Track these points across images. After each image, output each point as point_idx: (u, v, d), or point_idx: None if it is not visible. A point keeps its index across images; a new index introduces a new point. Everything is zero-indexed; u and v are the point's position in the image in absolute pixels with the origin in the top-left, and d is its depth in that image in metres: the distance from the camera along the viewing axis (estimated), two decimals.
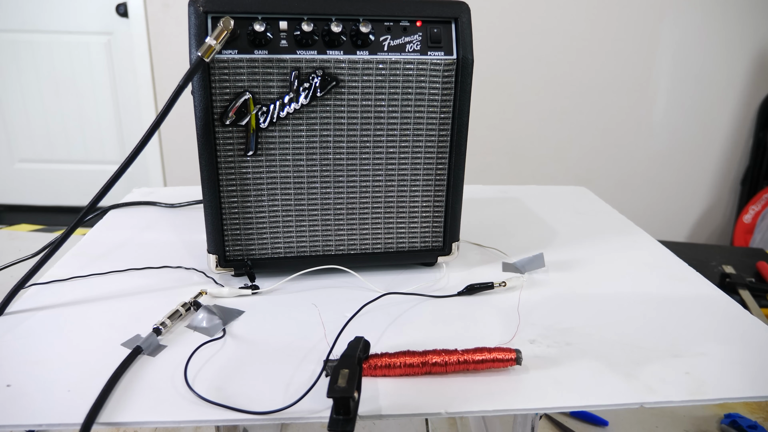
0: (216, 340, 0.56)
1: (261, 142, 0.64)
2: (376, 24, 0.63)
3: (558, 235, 0.87)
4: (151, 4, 2.20)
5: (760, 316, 1.22)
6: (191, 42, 0.59)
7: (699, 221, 2.48)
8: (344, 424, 0.42)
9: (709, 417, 1.11)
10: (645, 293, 0.69)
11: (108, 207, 0.94)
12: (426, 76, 0.64)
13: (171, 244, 0.80)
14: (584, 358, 0.55)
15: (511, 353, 0.51)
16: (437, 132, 0.67)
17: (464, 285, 0.68)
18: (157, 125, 0.59)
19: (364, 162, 0.67)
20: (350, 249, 0.71)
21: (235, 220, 0.66)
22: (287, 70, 0.61)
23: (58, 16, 2.36)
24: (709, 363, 0.54)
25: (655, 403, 0.49)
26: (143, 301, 0.64)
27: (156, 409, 0.46)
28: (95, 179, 2.56)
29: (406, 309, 0.64)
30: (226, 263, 0.68)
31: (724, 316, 0.64)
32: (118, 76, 2.44)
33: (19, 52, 2.40)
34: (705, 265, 1.45)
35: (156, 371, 0.51)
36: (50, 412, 0.45)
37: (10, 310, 0.61)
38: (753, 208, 2.28)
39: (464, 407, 0.47)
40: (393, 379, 0.51)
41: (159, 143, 2.40)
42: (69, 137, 2.55)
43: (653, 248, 0.83)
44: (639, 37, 2.16)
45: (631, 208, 2.40)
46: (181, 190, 1.03)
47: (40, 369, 0.51)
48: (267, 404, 0.46)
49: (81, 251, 0.77)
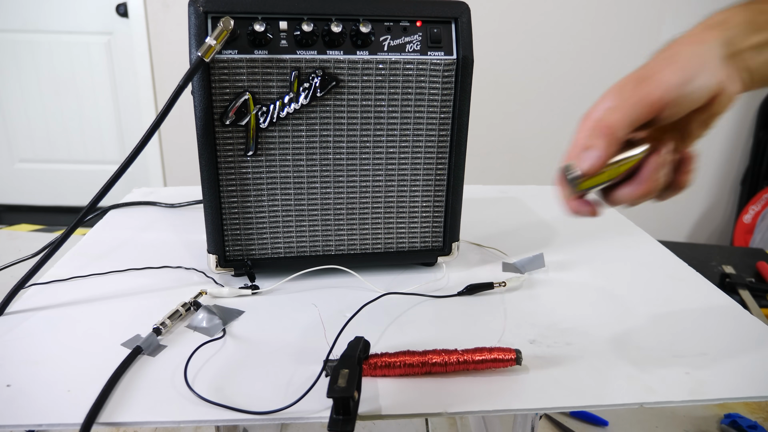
0: (216, 340, 0.56)
1: (261, 142, 0.64)
2: (376, 24, 0.62)
3: (558, 235, 0.87)
4: (151, 4, 2.20)
5: (760, 316, 1.22)
6: (191, 42, 0.59)
7: (699, 221, 2.48)
8: (344, 424, 0.42)
9: (709, 417, 1.11)
10: (645, 293, 0.69)
11: (108, 207, 0.94)
12: (426, 76, 0.64)
13: (171, 244, 0.80)
14: (584, 358, 0.55)
15: (511, 353, 0.51)
16: (437, 132, 0.67)
17: (464, 285, 0.68)
18: (157, 125, 0.59)
19: (364, 162, 0.67)
20: (350, 249, 0.71)
21: (235, 220, 0.66)
22: (287, 70, 0.61)
23: (58, 16, 2.36)
24: (709, 363, 0.54)
25: (655, 403, 0.49)
26: (143, 301, 0.64)
27: (156, 409, 0.46)
28: (95, 179, 2.56)
29: (406, 309, 0.64)
30: (226, 263, 0.68)
31: (724, 316, 0.64)
32: (118, 76, 2.44)
33: (19, 52, 2.40)
34: (705, 265, 1.45)
35: (156, 371, 0.51)
36: (50, 412, 0.45)
37: (10, 310, 0.61)
38: (753, 208, 2.28)
39: (464, 407, 0.47)
40: (393, 379, 0.51)
41: (159, 143, 2.40)
42: (69, 137, 2.55)
43: (653, 248, 0.83)
44: (639, 37, 2.16)
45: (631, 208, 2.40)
46: (181, 190, 1.03)
47: (40, 369, 0.51)
48: (267, 404, 0.46)
49: (81, 251, 0.77)
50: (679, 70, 0.38)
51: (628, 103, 0.40)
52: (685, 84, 0.39)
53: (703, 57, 0.39)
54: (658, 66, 0.40)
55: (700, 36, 0.39)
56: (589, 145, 0.40)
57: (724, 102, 0.41)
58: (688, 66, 0.38)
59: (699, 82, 0.39)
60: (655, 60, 0.41)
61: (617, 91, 0.41)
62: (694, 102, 0.40)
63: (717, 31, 0.39)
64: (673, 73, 0.39)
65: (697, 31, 0.40)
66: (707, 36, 0.39)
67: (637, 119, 0.40)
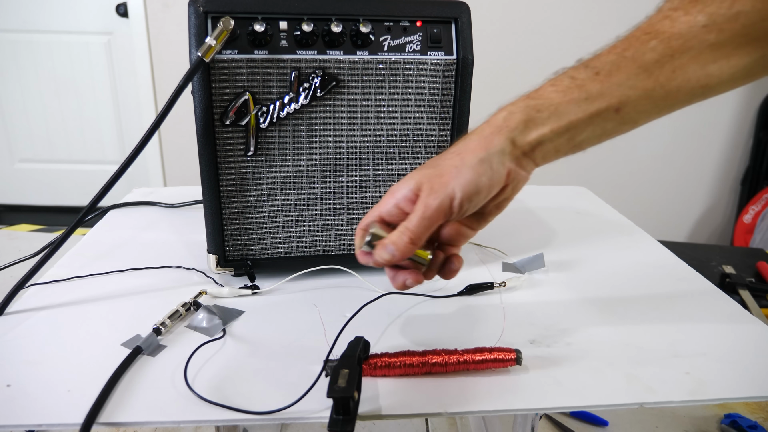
0: (216, 340, 0.56)
1: (261, 142, 0.64)
2: (376, 24, 0.62)
3: (558, 235, 0.87)
4: (151, 4, 2.20)
5: (760, 316, 1.22)
6: (191, 42, 0.59)
7: (699, 221, 2.48)
8: (344, 424, 0.42)
9: (709, 417, 1.11)
10: (645, 293, 0.69)
11: (108, 207, 0.94)
12: (426, 76, 0.64)
13: (171, 244, 0.80)
14: (584, 358, 0.55)
15: (511, 353, 0.51)
16: (437, 132, 0.67)
17: (464, 285, 0.68)
18: (157, 125, 0.59)
19: (364, 162, 0.67)
20: (350, 249, 0.71)
21: (235, 220, 0.66)
22: (287, 70, 0.61)
23: (58, 16, 2.36)
24: (709, 363, 0.54)
25: (655, 403, 0.49)
26: (143, 301, 0.64)
27: (156, 409, 0.46)
28: (95, 179, 2.56)
29: (406, 309, 0.64)
30: (226, 263, 0.68)
31: (724, 316, 0.64)
32: (118, 76, 2.44)
33: (19, 52, 2.40)
34: (705, 265, 1.45)
35: (156, 371, 0.51)
36: (50, 412, 0.45)
37: (10, 310, 0.61)
38: (753, 208, 2.28)
39: (464, 407, 0.48)
40: (393, 379, 0.51)
41: (159, 143, 2.40)
42: (69, 137, 2.55)
43: (653, 248, 0.83)
44: None
45: (631, 208, 2.39)
46: (181, 190, 1.03)
47: (40, 369, 0.51)
48: (267, 404, 0.46)
49: (81, 251, 0.77)
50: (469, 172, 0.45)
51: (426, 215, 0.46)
52: (476, 183, 0.45)
53: (489, 161, 0.45)
54: (449, 172, 0.46)
55: (487, 141, 0.46)
56: (394, 243, 0.46)
57: (516, 187, 0.48)
58: (476, 169, 0.45)
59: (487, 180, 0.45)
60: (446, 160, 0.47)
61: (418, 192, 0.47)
62: (484, 197, 0.46)
63: (501, 134, 0.45)
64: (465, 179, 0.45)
65: (485, 133, 0.46)
66: (492, 141, 0.45)
67: (436, 223, 0.46)
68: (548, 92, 0.46)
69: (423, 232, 0.46)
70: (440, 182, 0.46)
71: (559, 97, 0.45)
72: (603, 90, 0.44)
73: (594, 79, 0.44)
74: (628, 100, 0.44)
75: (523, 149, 0.46)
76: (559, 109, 0.45)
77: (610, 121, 0.45)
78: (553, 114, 0.45)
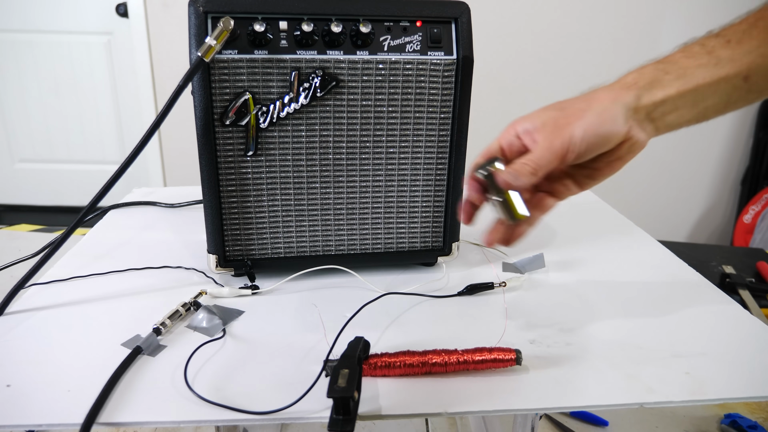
0: (216, 340, 0.56)
1: (261, 142, 0.64)
2: (376, 24, 0.62)
3: (558, 235, 0.87)
4: (151, 4, 2.20)
5: (760, 316, 1.22)
6: (191, 42, 0.59)
7: (699, 221, 2.48)
8: (344, 424, 0.42)
9: (709, 417, 1.11)
10: (645, 293, 0.69)
11: (108, 207, 0.94)
12: (426, 76, 0.64)
13: (171, 244, 0.80)
14: (584, 358, 0.55)
15: (511, 353, 0.51)
16: (437, 132, 0.67)
17: (464, 285, 0.68)
18: (157, 125, 0.59)
19: (364, 162, 0.67)
20: (350, 249, 0.71)
21: (235, 220, 0.66)
22: (287, 70, 0.61)
23: (58, 16, 2.36)
24: (709, 363, 0.54)
25: (655, 403, 0.49)
26: (143, 301, 0.64)
27: (156, 409, 0.46)
28: (95, 179, 2.56)
29: (406, 309, 0.64)
30: (226, 263, 0.68)
31: (724, 316, 0.64)
32: (118, 76, 2.44)
33: (19, 52, 2.40)
34: (705, 265, 1.44)
35: (156, 371, 0.51)
36: (50, 412, 0.45)
37: (10, 310, 0.61)
38: (753, 208, 2.28)
39: (464, 407, 0.48)
40: (393, 379, 0.51)
41: (159, 143, 2.40)
42: (69, 137, 2.55)
43: (653, 248, 0.83)
44: (639, 36, 2.16)
45: (631, 208, 2.40)
46: (181, 190, 1.03)
47: (40, 369, 0.51)
48: (267, 404, 0.46)
49: (81, 251, 0.77)
50: (594, 116, 0.46)
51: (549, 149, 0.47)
52: (596, 129, 0.46)
53: (614, 111, 0.46)
54: (574, 114, 0.47)
55: (616, 93, 0.47)
56: (516, 170, 0.48)
57: (632, 149, 0.49)
58: (601, 116, 0.46)
59: (608, 129, 0.47)
60: (574, 104, 0.48)
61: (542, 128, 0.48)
62: (601, 146, 0.48)
63: (630, 91, 0.47)
64: (587, 122, 0.46)
65: (615, 87, 0.48)
66: (621, 94, 0.47)
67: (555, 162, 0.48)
68: (678, 57, 0.47)
69: (544, 164, 0.47)
70: (565, 122, 0.47)
71: (688, 62, 0.46)
72: (733, 56, 0.45)
73: (725, 46, 0.46)
74: (758, 69, 0.45)
75: (647, 109, 0.47)
76: (687, 72, 0.46)
77: (738, 89, 0.46)
78: (681, 76, 0.46)
